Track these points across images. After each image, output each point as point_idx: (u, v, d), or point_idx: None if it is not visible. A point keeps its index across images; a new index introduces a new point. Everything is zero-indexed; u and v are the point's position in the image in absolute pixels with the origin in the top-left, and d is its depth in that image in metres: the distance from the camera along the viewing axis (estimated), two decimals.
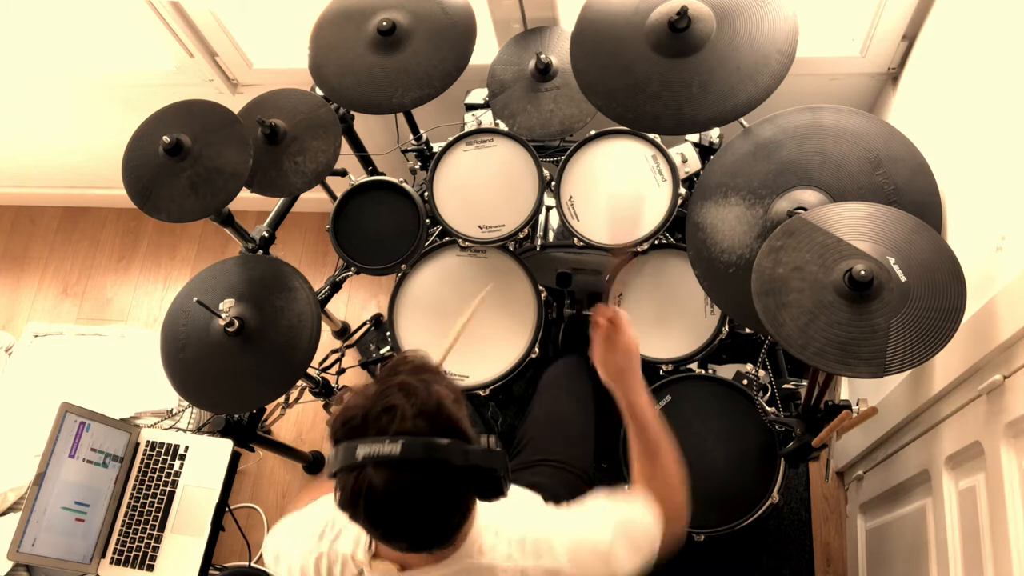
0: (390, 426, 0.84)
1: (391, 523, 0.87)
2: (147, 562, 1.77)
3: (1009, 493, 1.13)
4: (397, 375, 0.89)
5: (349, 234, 1.75)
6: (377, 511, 0.85)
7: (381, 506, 0.84)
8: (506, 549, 1.01)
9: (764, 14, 1.35)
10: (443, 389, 0.89)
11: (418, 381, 0.88)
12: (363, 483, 0.83)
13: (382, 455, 0.82)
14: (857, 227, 1.18)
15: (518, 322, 1.72)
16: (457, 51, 1.59)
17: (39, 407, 1.95)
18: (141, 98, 1.95)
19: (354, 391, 0.90)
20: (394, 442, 0.82)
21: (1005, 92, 1.26)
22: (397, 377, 0.88)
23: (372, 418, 0.85)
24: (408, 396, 0.86)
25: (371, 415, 0.85)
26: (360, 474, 0.83)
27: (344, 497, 0.85)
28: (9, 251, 3.00)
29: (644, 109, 1.39)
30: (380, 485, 0.82)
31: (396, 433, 0.83)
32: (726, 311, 1.57)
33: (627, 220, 1.61)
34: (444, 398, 0.88)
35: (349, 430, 0.86)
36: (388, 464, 0.82)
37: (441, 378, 0.92)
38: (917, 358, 1.07)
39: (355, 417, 0.86)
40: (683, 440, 1.56)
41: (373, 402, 0.86)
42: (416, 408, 0.85)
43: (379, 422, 0.84)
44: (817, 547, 2.13)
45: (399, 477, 0.83)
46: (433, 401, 0.86)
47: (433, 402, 0.86)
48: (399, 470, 0.83)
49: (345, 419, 0.87)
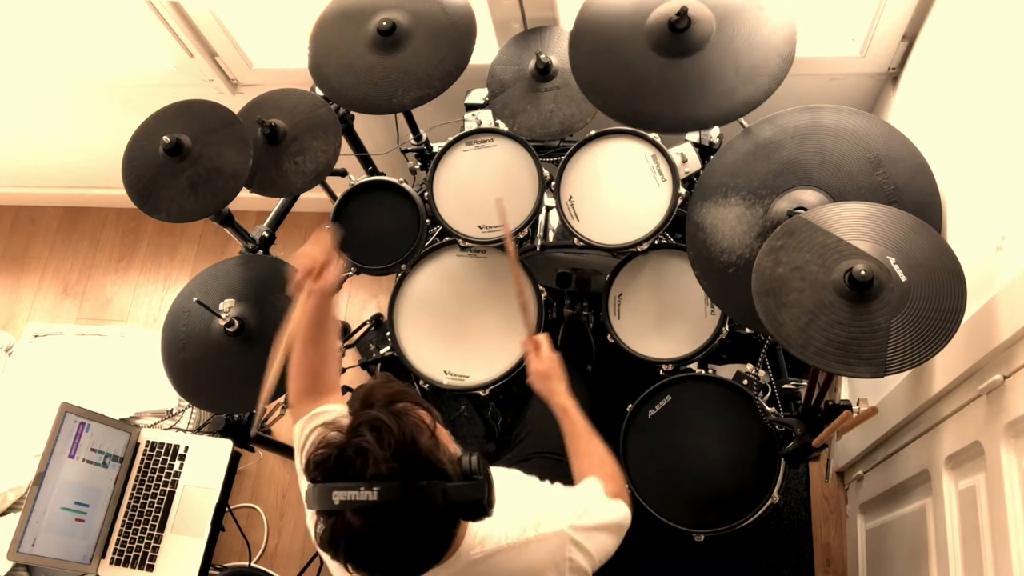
0: (364, 470, 0.82)
1: (372, 563, 0.86)
2: (147, 562, 1.77)
3: (1009, 493, 1.13)
4: (369, 408, 0.87)
5: (349, 234, 1.75)
6: (357, 554, 0.85)
7: (361, 549, 0.84)
8: (504, 528, 1.02)
9: (764, 15, 1.35)
10: (419, 421, 0.88)
11: (390, 416, 0.85)
12: (342, 529, 0.83)
13: (358, 502, 0.81)
14: (857, 227, 1.18)
15: (518, 322, 1.71)
16: (457, 51, 1.59)
17: (39, 407, 1.95)
18: (141, 98, 1.95)
19: (325, 426, 0.88)
20: (370, 488, 0.81)
21: (1005, 92, 1.26)
22: (369, 412, 0.86)
23: (346, 461, 0.83)
24: (380, 436, 0.84)
25: (345, 457, 0.84)
26: (338, 519, 0.83)
27: (323, 540, 0.85)
28: (9, 251, 3.00)
29: (644, 109, 1.39)
30: (359, 529, 0.82)
31: (372, 478, 0.82)
32: (726, 311, 1.57)
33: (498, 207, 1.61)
34: (419, 434, 0.86)
35: (323, 471, 0.85)
36: (366, 510, 0.82)
37: (416, 407, 0.90)
38: (917, 358, 1.07)
39: (328, 459, 0.84)
40: (683, 440, 1.58)
41: (346, 441, 0.84)
42: (390, 449, 0.83)
43: (353, 465, 0.83)
44: (817, 547, 2.13)
45: (378, 522, 0.82)
46: (408, 440, 0.85)
47: (408, 441, 0.85)
48: (378, 515, 0.82)
49: (319, 460, 0.85)
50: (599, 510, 1.12)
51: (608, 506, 1.14)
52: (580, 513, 1.08)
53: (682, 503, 1.53)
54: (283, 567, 2.32)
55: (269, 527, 2.40)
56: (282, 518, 2.42)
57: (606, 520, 1.11)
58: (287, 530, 2.40)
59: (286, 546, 2.38)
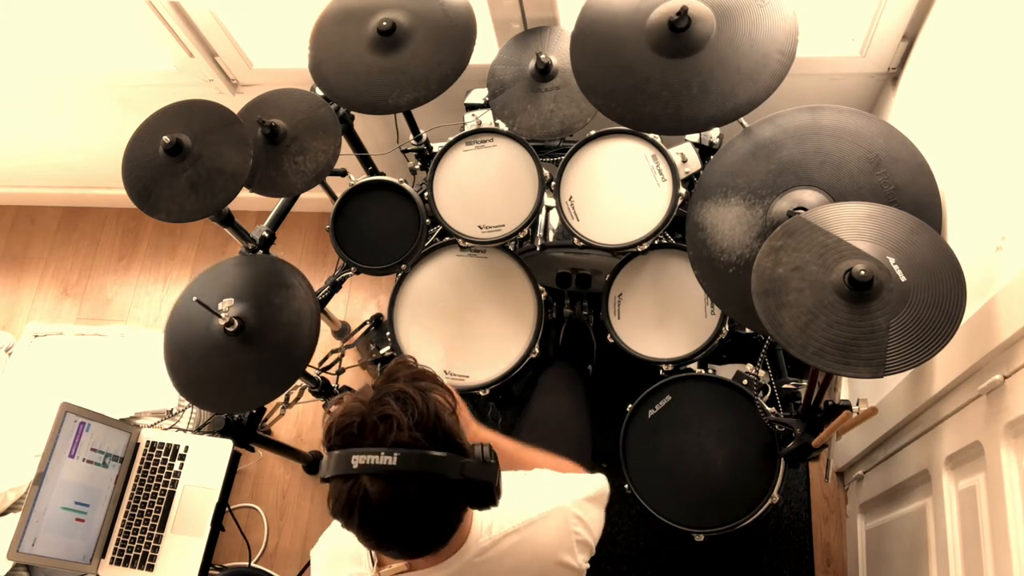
0: (387, 436, 0.84)
1: (384, 532, 0.87)
2: (147, 562, 1.77)
3: (1009, 493, 1.13)
4: (395, 382, 0.89)
5: (349, 234, 1.75)
6: (371, 520, 0.85)
7: (375, 516, 0.84)
8: (508, 514, 1.03)
9: (764, 14, 1.35)
10: (441, 399, 0.89)
11: (415, 390, 0.87)
12: (357, 492, 0.83)
13: (378, 466, 0.82)
14: (857, 227, 1.18)
15: (518, 322, 1.72)
16: (456, 53, 1.59)
17: (39, 407, 1.95)
18: (141, 98, 1.95)
19: (351, 396, 0.89)
20: (390, 454, 0.82)
21: (1005, 92, 1.26)
22: (395, 384, 0.88)
23: (369, 427, 0.85)
24: (405, 406, 0.85)
25: (367, 424, 0.85)
26: (355, 483, 0.83)
27: (338, 505, 0.85)
28: (9, 251, 3.00)
29: (644, 109, 1.39)
30: (375, 495, 0.83)
31: (393, 444, 0.83)
32: (726, 311, 1.57)
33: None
34: (442, 409, 0.88)
35: (344, 437, 0.85)
36: (383, 475, 0.82)
37: (439, 386, 0.92)
38: (917, 358, 1.07)
39: (351, 425, 0.86)
40: (683, 440, 1.58)
41: (369, 409, 0.86)
42: (413, 419, 0.85)
43: (375, 432, 0.84)
44: (817, 547, 2.13)
45: (394, 488, 0.83)
46: (431, 412, 0.86)
47: (431, 413, 0.86)
48: (394, 482, 0.83)
49: (341, 426, 0.86)
50: (584, 484, 1.15)
51: (587, 479, 1.18)
52: (572, 489, 1.11)
53: (682, 503, 1.53)
54: (283, 567, 2.32)
55: (269, 527, 2.40)
56: (282, 518, 2.42)
57: (594, 491, 1.14)
58: (287, 530, 2.40)
59: (286, 546, 2.38)
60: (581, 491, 1.12)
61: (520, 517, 1.04)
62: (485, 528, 1.01)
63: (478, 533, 1.00)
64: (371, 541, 0.89)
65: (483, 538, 1.00)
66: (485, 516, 1.01)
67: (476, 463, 0.88)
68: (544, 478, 1.16)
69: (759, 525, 1.51)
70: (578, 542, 1.07)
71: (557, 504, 1.07)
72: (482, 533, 1.01)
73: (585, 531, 1.09)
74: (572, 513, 1.07)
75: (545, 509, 1.06)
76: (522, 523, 1.03)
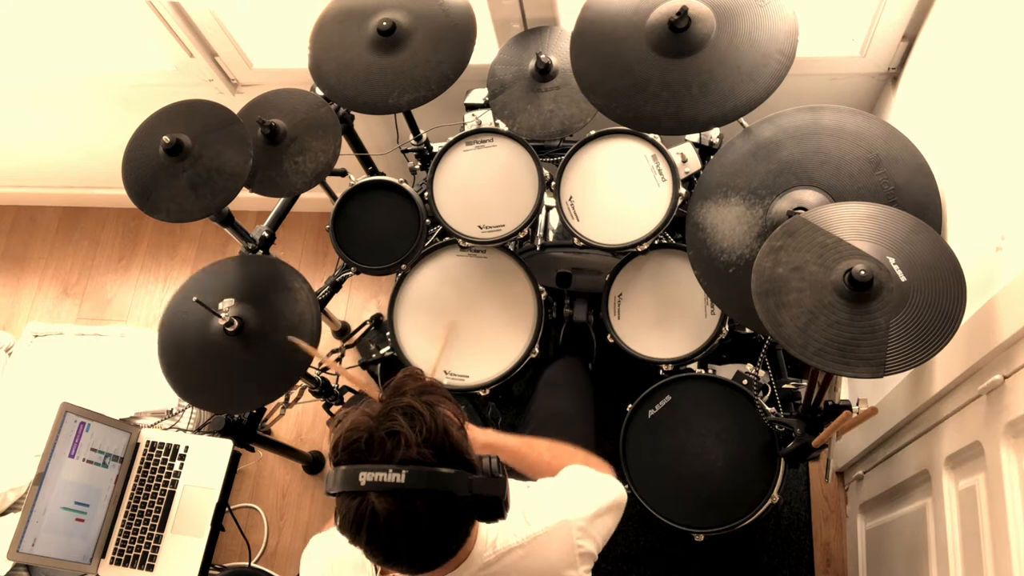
0: (395, 453, 0.83)
1: (392, 549, 0.86)
2: (147, 562, 1.77)
3: (1009, 493, 1.13)
4: (402, 396, 0.88)
5: (349, 234, 1.75)
6: (379, 538, 0.84)
7: (383, 533, 0.83)
8: (511, 528, 1.02)
9: (764, 14, 1.35)
10: (449, 413, 0.89)
11: (423, 404, 0.86)
12: (365, 510, 0.82)
13: (386, 483, 0.81)
14: (857, 227, 1.18)
15: (518, 322, 1.72)
16: (456, 53, 1.59)
17: (39, 407, 1.95)
18: (141, 98, 1.95)
19: (357, 410, 0.88)
20: (398, 471, 0.81)
21: (1005, 92, 1.26)
22: (402, 399, 0.87)
23: (376, 443, 0.84)
24: (413, 421, 0.84)
25: (375, 439, 0.84)
26: (362, 500, 0.82)
27: (346, 522, 0.84)
28: (9, 251, 3.00)
29: (644, 109, 1.39)
30: (383, 512, 0.82)
31: (401, 461, 0.82)
32: (726, 311, 1.57)
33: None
34: (450, 424, 0.87)
35: (352, 453, 0.84)
36: (391, 493, 0.82)
37: (446, 399, 0.91)
38: (917, 358, 1.07)
39: (358, 440, 0.84)
40: (683, 440, 1.58)
41: (377, 425, 0.85)
42: (421, 435, 0.84)
43: (383, 448, 0.83)
44: (817, 547, 2.13)
45: (402, 506, 0.82)
46: (439, 428, 0.85)
47: (439, 429, 0.85)
48: (402, 499, 0.82)
49: (348, 441, 0.85)
50: (594, 494, 1.12)
51: (602, 486, 1.15)
52: (578, 502, 1.09)
53: (682, 503, 1.53)
54: (283, 567, 2.32)
55: (269, 527, 2.40)
56: (282, 518, 2.42)
57: (605, 503, 1.12)
58: (287, 530, 2.40)
59: (286, 546, 2.38)
60: (595, 502, 1.10)
61: (525, 531, 1.03)
62: (489, 542, 1.00)
63: (482, 547, 0.99)
64: (378, 557, 0.88)
65: (487, 552, 0.99)
66: (490, 529, 1.00)
67: (484, 478, 0.87)
68: (548, 493, 1.13)
69: (759, 525, 1.51)
70: (581, 555, 1.06)
71: (562, 518, 1.05)
72: (486, 547, 1.00)
73: (590, 543, 1.07)
74: (577, 526, 1.06)
75: (550, 523, 1.04)
76: (526, 538, 1.02)
